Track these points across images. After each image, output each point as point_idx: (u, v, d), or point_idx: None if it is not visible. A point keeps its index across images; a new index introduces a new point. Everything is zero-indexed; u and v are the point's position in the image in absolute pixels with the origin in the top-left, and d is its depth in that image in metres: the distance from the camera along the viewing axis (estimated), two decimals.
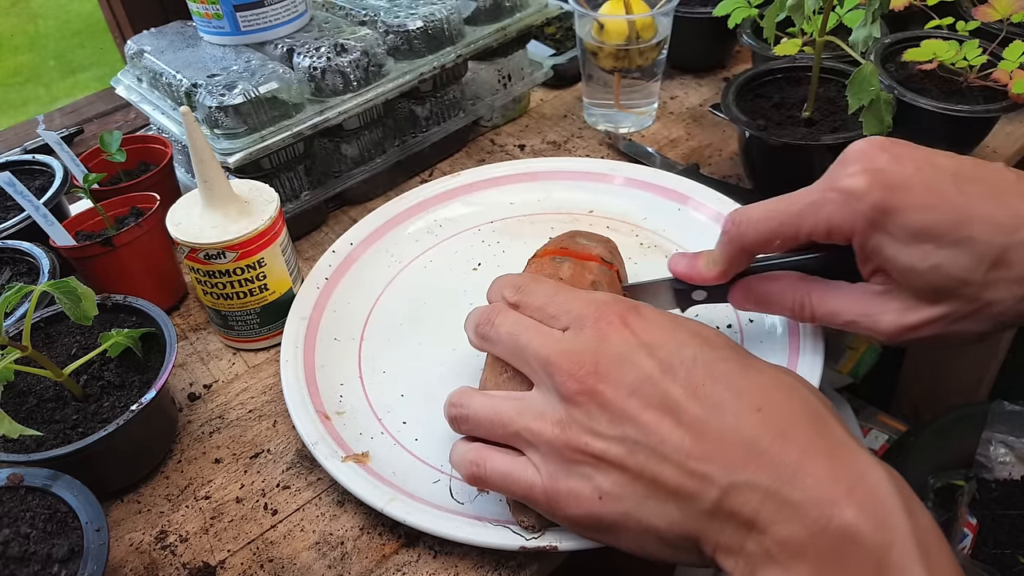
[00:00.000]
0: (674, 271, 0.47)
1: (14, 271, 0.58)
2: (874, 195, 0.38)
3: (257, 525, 0.47)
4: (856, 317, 0.42)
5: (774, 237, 0.42)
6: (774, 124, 0.61)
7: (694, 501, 0.33)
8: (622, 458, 0.34)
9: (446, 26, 0.68)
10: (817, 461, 0.31)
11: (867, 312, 0.41)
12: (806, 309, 0.44)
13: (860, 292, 0.42)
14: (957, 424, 0.90)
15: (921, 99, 0.61)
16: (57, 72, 3.07)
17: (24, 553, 0.39)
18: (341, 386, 0.53)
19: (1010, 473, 0.88)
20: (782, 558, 0.31)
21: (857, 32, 0.58)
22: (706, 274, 0.46)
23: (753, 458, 0.32)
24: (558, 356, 0.37)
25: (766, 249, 0.44)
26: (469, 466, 0.40)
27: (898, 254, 0.38)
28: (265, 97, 0.59)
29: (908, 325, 0.40)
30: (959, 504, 0.86)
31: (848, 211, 0.39)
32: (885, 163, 0.39)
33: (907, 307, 0.40)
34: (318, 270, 0.60)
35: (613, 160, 0.69)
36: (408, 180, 0.74)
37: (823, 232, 0.40)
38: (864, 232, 0.39)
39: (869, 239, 0.39)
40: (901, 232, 0.38)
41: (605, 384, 0.35)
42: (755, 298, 0.46)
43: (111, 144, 0.62)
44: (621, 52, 0.70)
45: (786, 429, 0.33)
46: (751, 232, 0.43)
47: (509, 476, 0.38)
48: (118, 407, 0.47)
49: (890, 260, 0.39)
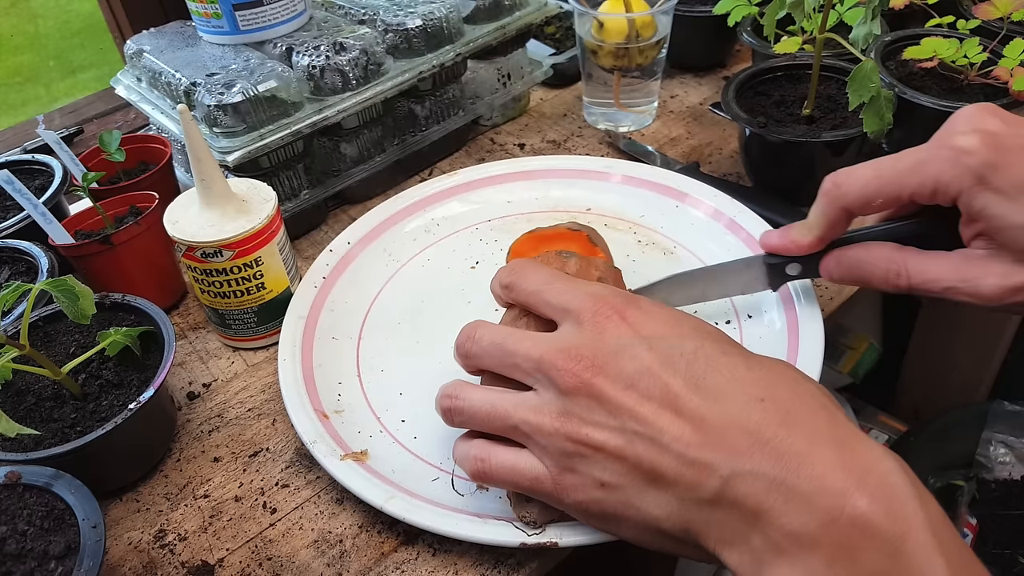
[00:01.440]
0: (767, 245, 0.47)
1: (13, 270, 0.58)
2: (983, 153, 0.38)
3: (256, 524, 0.47)
4: (956, 283, 0.41)
5: (876, 195, 0.41)
6: (774, 122, 0.61)
7: (695, 490, 0.32)
8: (621, 448, 0.34)
9: (445, 25, 0.68)
10: (825, 450, 0.31)
11: (968, 276, 0.40)
12: (901, 277, 0.43)
13: (959, 257, 0.41)
14: (957, 424, 0.90)
15: (921, 97, 0.61)
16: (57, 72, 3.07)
17: (21, 550, 0.39)
18: (339, 385, 0.53)
19: (1010, 473, 0.88)
20: (792, 550, 0.30)
21: (857, 30, 0.58)
22: (801, 241, 0.45)
23: (757, 447, 0.31)
24: (552, 354, 0.36)
25: (866, 210, 0.43)
26: (473, 462, 0.39)
27: (1008, 212, 0.38)
28: (264, 96, 0.59)
29: (1012, 286, 0.39)
30: (959, 504, 0.86)
31: (957, 168, 0.38)
32: (996, 126, 0.39)
33: (1011, 269, 0.39)
34: (316, 269, 0.60)
35: (612, 158, 0.69)
36: (408, 179, 0.74)
37: (929, 191, 0.40)
38: (971, 190, 0.38)
39: (976, 198, 0.38)
40: (1012, 188, 0.37)
41: (603, 377, 0.35)
42: (847, 265, 0.45)
43: (110, 144, 0.62)
44: (621, 51, 0.70)
45: (791, 419, 0.32)
46: (853, 190, 0.42)
47: (515, 470, 0.38)
48: (116, 406, 0.47)
49: (998, 218, 0.38)
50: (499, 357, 0.39)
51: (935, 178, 0.39)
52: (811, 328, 0.49)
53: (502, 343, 0.39)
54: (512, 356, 0.38)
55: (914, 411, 1.12)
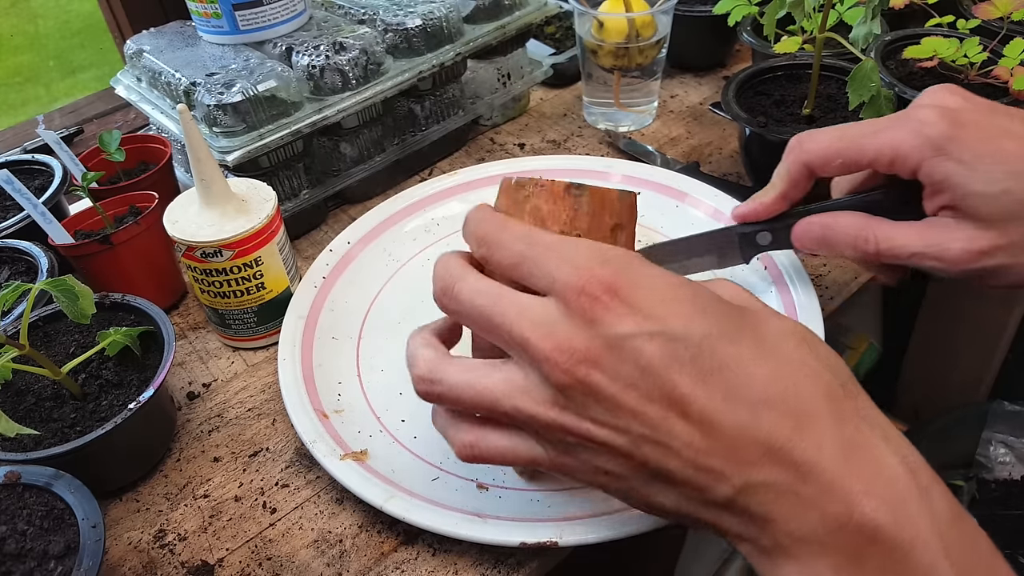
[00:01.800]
0: (735, 214, 0.49)
1: (13, 270, 0.58)
2: (943, 124, 0.40)
3: (256, 523, 0.47)
4: (923, 248, 0.42)
5: (837, 156, 0.43)
6: (774, 121, 0.61)
7: (704, 493, 0.32)
8: (627, 447, 0.32)
9: (445, 24, 0.68)
10: (834, 455, 0.30)
11: (934, 242, 0.42)
12: (870, 243, 0.44)
13: (925, 224, 0.43)
14: (957, 424, 0.90)
15: None
16: (57, 72, 3.07)
17: (21, 550, 0.39)
18: (339, 384, 0.53)
19: (1010, 473, 0.87)
20: (801, 554, 0.30)
21: (857, 29, 0.58)
22: (765, 199, 0.47)
23: (768, 457, 0.30)
24: (539, 339, 0.32)
25: (826, 169, 0.44)
26: (462, 448, 0.36)
27: (968, 180, 0.39)
28: (264, 95, 0.59)
29: (978, 250, 0.40)
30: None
31: (916, 138, 0.40)
32: (955, 103, 0.41)
33: (976, 234, 0.40)
34: (315, 269, 0.60)
35: (612, 158, 0.69)
36: (408, 179, 0.74)
37: (888, 158, 0.41)
38: (932, 160, 0.40)
39: (937, 167, 0.40)
40: (970, 156, 0.39)
41: (600, 374, 0.32)
42: (817, 234, 0.46)
43: (110, 144, 0.62)
44: (621, 50, 0.70)
45: (801, 423, 0.31)
46: (815, 148, 0.44)
47: (510, 453, 0.36)
48: (116, 406, 0.47)
49: (960, 187, 0.40)
50: (482, 323, 0.35)
51: (894, 146, 0.41)
52: (811, 328, 0.49)
53: (484, 308, 0.34)
54: (496, 328, 0.34)
55: (914, 411, 1.11)
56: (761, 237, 0.48)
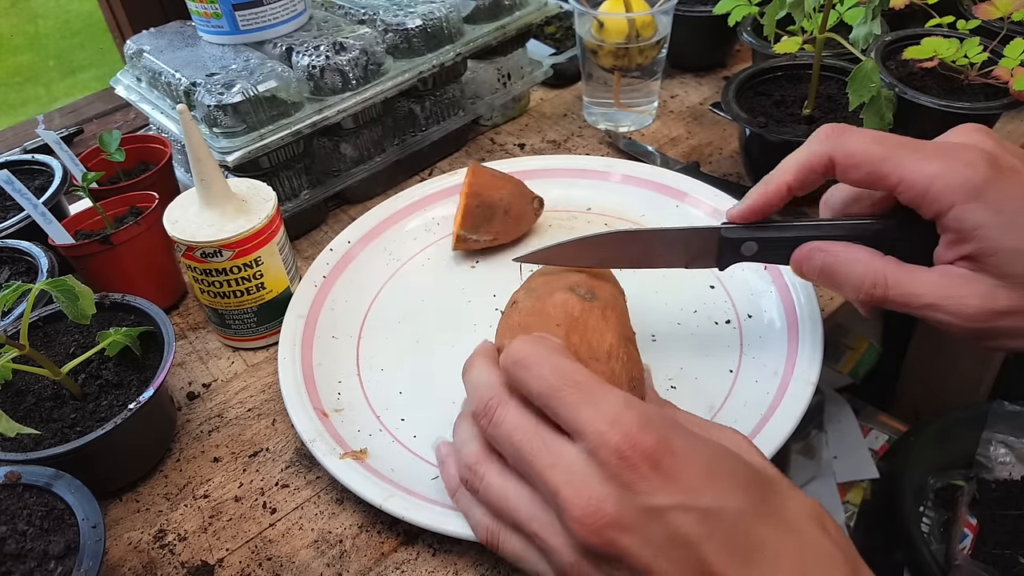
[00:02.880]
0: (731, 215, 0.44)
1: (13, 270, 0.58)
2: (985, 169, 0.37)
3: (256, 524, 0.47)
4: (938, 300, 0.39)
5: (869, 164, 0.39)
6: (775, 122, 0.61)
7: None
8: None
9: (445, 24, 0.68)
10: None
11: (950, 294, 0.38)
12: (878, 287, 0.40)
13: (941, 273, 0.39)
14: (957, 424, 0.90)
15: (922, 96, 0.61)
16: (57, 72, 3.07)
17: (21, 550, 0.39)
18: (339, 384, 0.53)
19: (1010, 473, 0.87)
20: None
21: (858, 30, 0.58)
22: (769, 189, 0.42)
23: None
24: (570, 495, 0.32)
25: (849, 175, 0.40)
26: (484, 533, 0.38)
27: (1002, 235, 0.36)
28: (264, 96, 0.59)
29: (998, 309, 0.37)
30: (959, 504, 0.85)
31: (956, 176, 0.37)
32: (992, 147, 0.38)
33: (995, 291, 0.38)
34: (315, 268, 0.60)
35: (612, 158, 0.69)
36: (408, 179, 0.74)
37: (920, 188, 0.38)
38: (965, 205, 0.37)
39: (969, 215, 0.37)
40: (1010, 207, 0.36)
41: (630, 539, 0.31)
42: (823, 264, 0.42)
43: (110, 144, 0.62)
44: (621, 50, 0.70)
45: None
46: (854, 146, 0.39)
47: (522, 561, 0.36)
48: (116, 406, 0.47)
49: (991, 239, 0.37)
50: (515, 458, 0.35)
51: (931, 178, 0.37)
52: (811, 328, 0.49)
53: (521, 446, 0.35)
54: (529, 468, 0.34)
55: (914, 411, 1.11)
56: (747, 247, 0.44)
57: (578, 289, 0.42)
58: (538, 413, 0.36)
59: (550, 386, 0.35)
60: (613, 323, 0.42)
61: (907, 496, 0.83)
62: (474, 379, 0.39)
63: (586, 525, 0.32)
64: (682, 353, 0.52)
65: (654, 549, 0.31)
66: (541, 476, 0.34)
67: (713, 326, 0.53)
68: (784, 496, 0.34)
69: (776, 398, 0.47)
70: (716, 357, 0.51)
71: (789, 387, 0.46)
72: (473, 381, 0.39)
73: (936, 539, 0.84)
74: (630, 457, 0.31)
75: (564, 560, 0.33)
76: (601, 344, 0.40)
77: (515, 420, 0.36)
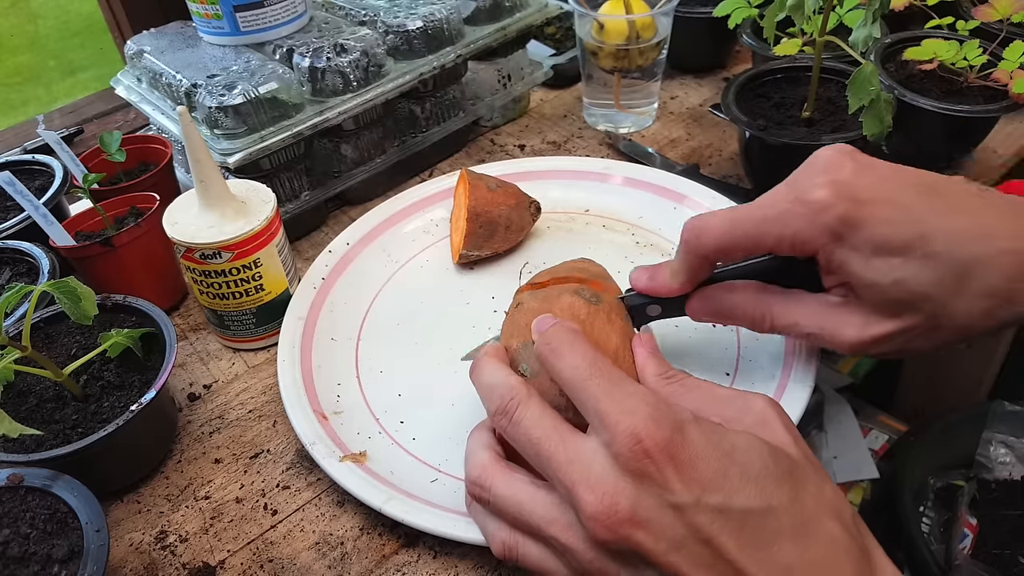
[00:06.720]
0: (636, 286, 0.45)
1: (14, 271, 0.58)
2: (839, 208, 0.38)
3: (257, 525, 0.47)
4: (817, 329, 0.41)
5: (735, 248, 0.41)
6: (774, 124, 0.61)
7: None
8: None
9: (446, 26, 0.68)
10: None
11: (828, 325, 0.41)
12: (766, 321, 0.43)
13: (820, 304, 0.41)
14: (957, 424, 0.90)
15: (921, 99, 0.61)
16: (57, 72, 3.07)
17: (24, 553, 0.39)
18: (338, 386, 0.53)
19: (1010, 473, 0.87)
20: None
21: (857, 32, 0.58)
22: (670, 285, 0.44)
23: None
24: (586, 491, 0.33)
25: (727, 259, 0.43)
26: (500, 546, 0.38)
27: (862, 269, 0.38)
28: (265, 97, 0.59)
29: (871, 338, 0.39)
30: (959, 504, 0.86)
31: (813, 225, 0.38)
32: (850, 174, 0.38)
33: (869, 320, 0.39)
34: (315, 270, 0.60)
35: (611, 160, 0.69)
36: (408, 180, 0.74)
37: (787, 246, 0.40)
38: (828, 246, 0.39)
39: (833, 253, 0.39)
40: (865, 246, 0.38)
41: (644, 534, 0.32)
42: (713, 309, 0.45)
43: (111, 144, 0.62)
44: (621, 52, 0.70)
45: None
46: (711, 242, 0.41)
47: (542, 568, 0.37)
48: (118, 407, 0.47)
49: (854, 275, 0.39)
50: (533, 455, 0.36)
51: (792, 235, 0.39)
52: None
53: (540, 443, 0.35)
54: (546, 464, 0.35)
55: (914, 411, 1.12)
56: (651, 309, 0.46)
57: (583, 292, 0.43)
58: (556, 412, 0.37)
59: (581, 375, 0.36)
60: (618, 326, 0.43)
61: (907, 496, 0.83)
62: (489, 380, 0.39)
63: (600, 521, 0.32)
64: (679, 357, 0.52)
65: (669, 544, 0.32)
66: (558, 472, 0.34)
67: (710, 329, 0.53)
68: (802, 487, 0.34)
69: None
70: (713, 361, 0.51)
71: (786, 391, 0.47)
72: (488, 382, 0.39)
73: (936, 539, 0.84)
74: (645, 447, 0.32)
75: (583, 558, 0.34)
76: (607, 346, 0.41)
77: (534, 417, 0.36)
